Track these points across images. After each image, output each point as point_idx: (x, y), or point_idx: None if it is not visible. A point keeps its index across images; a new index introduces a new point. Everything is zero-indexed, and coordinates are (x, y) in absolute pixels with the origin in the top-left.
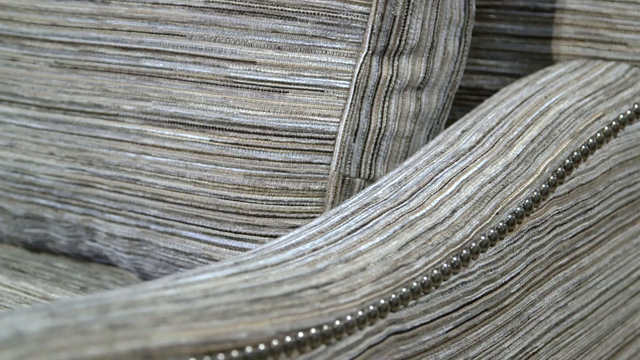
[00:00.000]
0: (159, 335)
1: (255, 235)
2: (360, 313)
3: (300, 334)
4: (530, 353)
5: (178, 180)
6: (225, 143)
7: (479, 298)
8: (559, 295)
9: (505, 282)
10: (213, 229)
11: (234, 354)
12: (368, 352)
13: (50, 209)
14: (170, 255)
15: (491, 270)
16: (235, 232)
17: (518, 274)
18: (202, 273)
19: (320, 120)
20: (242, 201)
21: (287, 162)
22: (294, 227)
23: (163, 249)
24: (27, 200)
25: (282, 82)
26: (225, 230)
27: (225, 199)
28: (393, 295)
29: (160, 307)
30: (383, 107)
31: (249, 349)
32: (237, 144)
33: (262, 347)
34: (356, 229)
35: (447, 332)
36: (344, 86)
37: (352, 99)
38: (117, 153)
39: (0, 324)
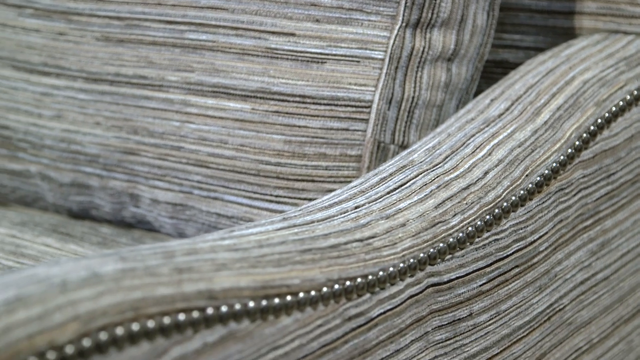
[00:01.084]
0: (220, 279)
1: (294, 198)
2: (401, 265)
3: (348, 283)
4: (557, 309)
5: (221, 147)
6: (266, 111)
7: (510, 255)
8: (583, 255)
9: (534, 241)
10: (254, 192)
11: (288, 298)
12: (408, 302)
13: (95, 176)
14: (213, 219)
15: (521, 229)
16: (276, 196)
17: (546, 233)
18: (254, 227)
19: (356, 89)
20: (282, 166)
21: (325, 129)
22: (332, 190)
23: (206, 213)
24: (74, 168)
25: (320, 53)
26: (266, 194)
27: (266, 164)
28: (431, 250)
29: (219, 255)
30: (416, 77)
31: (301, 294)
32: (277, 112)
33: (313, 293)
34: (395, 189)
35: (480, 285)
36: (379, 57)
37: (387, 69)
38: (162, 122)
39: (78, 266)
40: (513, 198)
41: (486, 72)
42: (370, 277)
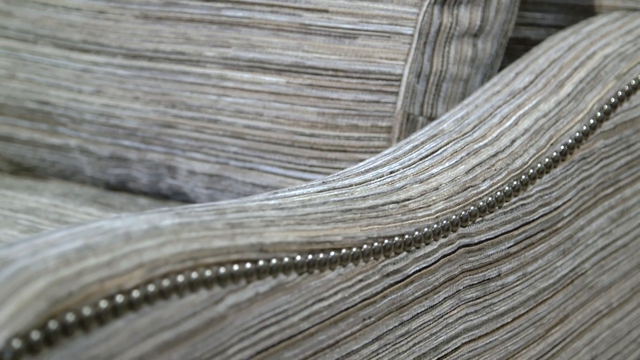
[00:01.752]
0: (270, 234)
1: (327, 168)
2: (435, 226)
3: (386, 241)
4: (579, 273)
5: (256, 119)
6: (300, 84)
7: (536, 219)
8: (604, 222)
9: (559, 207)
10: (289, 162)
11: (332, 254)
12: (442, 261)
13: (134, 149)
14: (248, 188)
15: (546, 195)
16: (310, 166)
17: (570, 199)
18: (296, 189)
19: (387, 63)
20: (315, 137)
21: (356, 101)
22: (363, 160)
23: (241, 183)
24: (112, 142)
25: (352, 29)
26: (300, 164)
27: (300, 135)
28: (463, 212)
29: (267, 212)
30: (444, 52)
31: (343, 251)
32: (311, 85)
33: (354, 249)
34: (427, 156)
35: (508, 248)
36: (409, 32)
37: (416, 44)
38: (199, 96)
39: (139, 220)
40: (539, 165)
41: (509, 49)
42: (406, 236)
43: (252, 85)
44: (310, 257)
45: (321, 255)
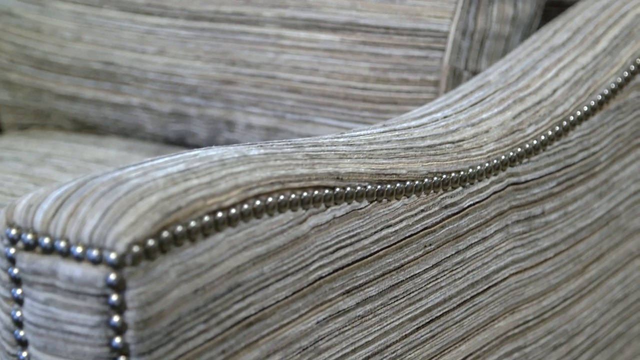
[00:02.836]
0: (344, 165)
1: (379, 119)
2: (487, 164)
3: (444, 176)
4: (614, 216)
5: (312, 75)
6: (354, 42)
7: (576, 163)
8: (636, 168)
9: (596, 152)
10: (343, 114)
11: (397, 185)
12: (493, 197)
13: (194, 106)
14: None
15: (585, 140)
16: (362, 117)
17: (606, 146)
18: (360, 130)
19: (435, 21)
20: (368, 90)
21: (406, 57)
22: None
23: (297, 135)
24: (174, 99)
25: None
26: (354, 115)
27: (353, 89)
28: (511, 153)
29: (339, 147)
30: (487, 11)
31: (408, 182)
32: (363, 42)
33: (417, 182)
34: (476, 103)
35: (551, 188)
36: None
37: (462, 3)
38: (258, 54)
39: (229, 150)
40: (579, 113)
41: (545, 11)
42: (462, 172)
43: (308, 43)
44: (379, 187)
45: (388, 186)
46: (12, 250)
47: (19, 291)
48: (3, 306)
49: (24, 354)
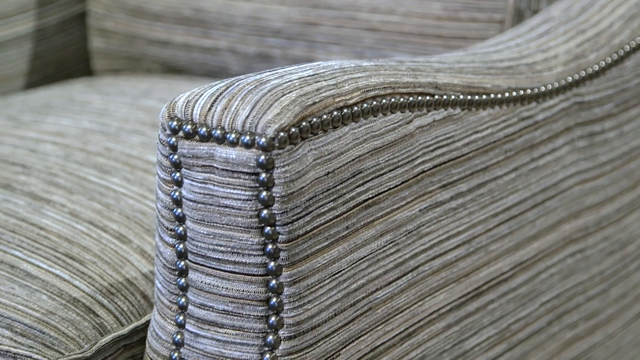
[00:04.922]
0: (440, 77)
1: None
2: (556, 84)
3: (521, 92)
4: None
5: (390, 14)
6: None
7: (631, 88)
8: None
9: None
10: (417, 50)
11: (484, 97)
12: (561, 113)
13: (278, 47)
14: None
15: (639, 68)
16: (435, 52)
17: None
18: (444, 54)
19: None
20: (441, 28)
21: None
22: None
23: None
24: (259, 41)
25: None
26: (427, 51)
27: (427, 27)
28: (576, 75)
29: (433, 64)
30: None
31: (492, 95)
32: None
33: (499, 95)
34: (543, 34)
35: (610, 109)
36: None
37: None
38: None
39: (345, 62)
40: (633, 43)
41: None
42: (536, 90)
43: None
44: (469, 97)
45: (477, 97)
46: (173, 139)
47: (178, 174)
48: (163, 188)
49: (181, 228)
